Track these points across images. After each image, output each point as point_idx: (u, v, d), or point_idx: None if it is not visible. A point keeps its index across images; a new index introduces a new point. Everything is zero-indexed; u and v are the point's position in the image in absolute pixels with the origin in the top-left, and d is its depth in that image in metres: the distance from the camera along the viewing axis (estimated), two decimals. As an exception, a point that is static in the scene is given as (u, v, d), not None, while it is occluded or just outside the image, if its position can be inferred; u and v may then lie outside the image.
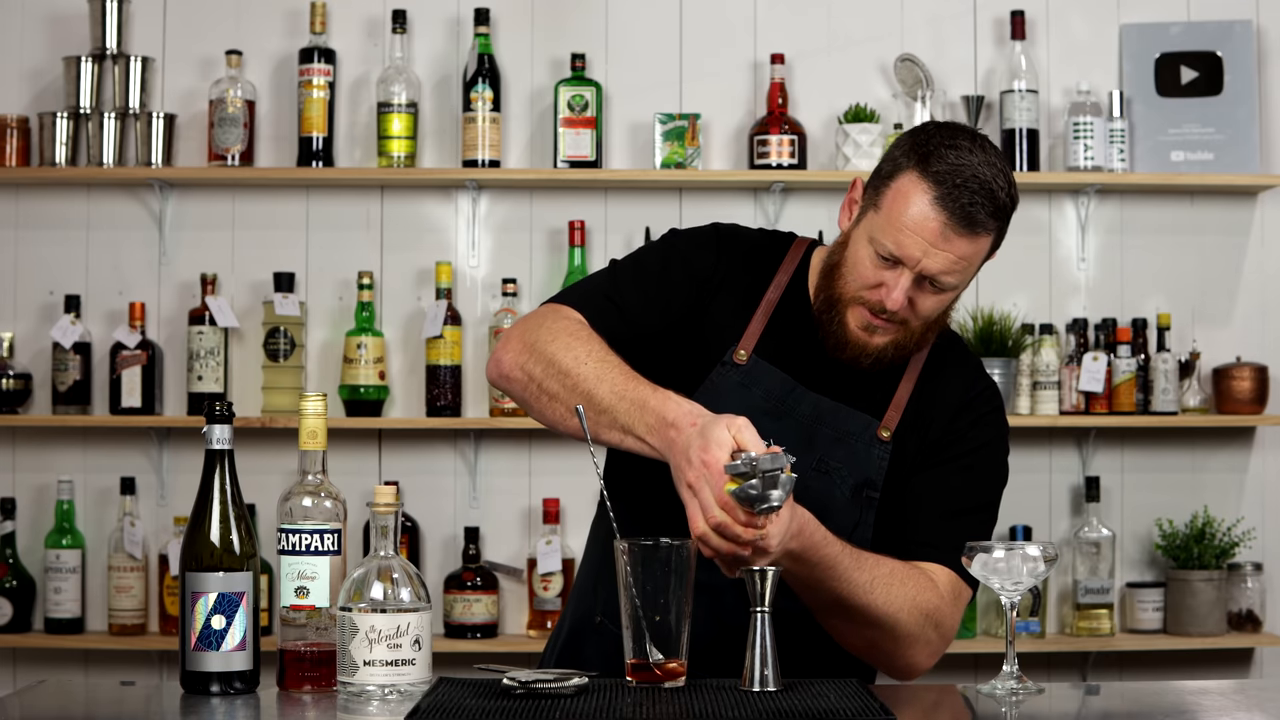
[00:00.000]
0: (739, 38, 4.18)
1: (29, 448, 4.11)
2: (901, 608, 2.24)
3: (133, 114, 4.05)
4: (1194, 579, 4.04)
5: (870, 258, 2.27)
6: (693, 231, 2.47)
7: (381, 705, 2.04)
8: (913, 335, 2.32)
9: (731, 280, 2.40)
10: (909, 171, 2.26)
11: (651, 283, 2.39)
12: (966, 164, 2.24)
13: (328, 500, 2.19)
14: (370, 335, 4.03)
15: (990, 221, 2.25)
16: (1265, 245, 4.21)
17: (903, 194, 2.25)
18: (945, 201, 2.23)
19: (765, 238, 2.48)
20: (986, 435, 2.41)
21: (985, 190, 2.23)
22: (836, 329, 2.32)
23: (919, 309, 2.29)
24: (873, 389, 2.36)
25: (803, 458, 2.23)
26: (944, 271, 2.25)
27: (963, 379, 2.42)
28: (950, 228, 2.23)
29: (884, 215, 2.26)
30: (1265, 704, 2.16)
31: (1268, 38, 4.20)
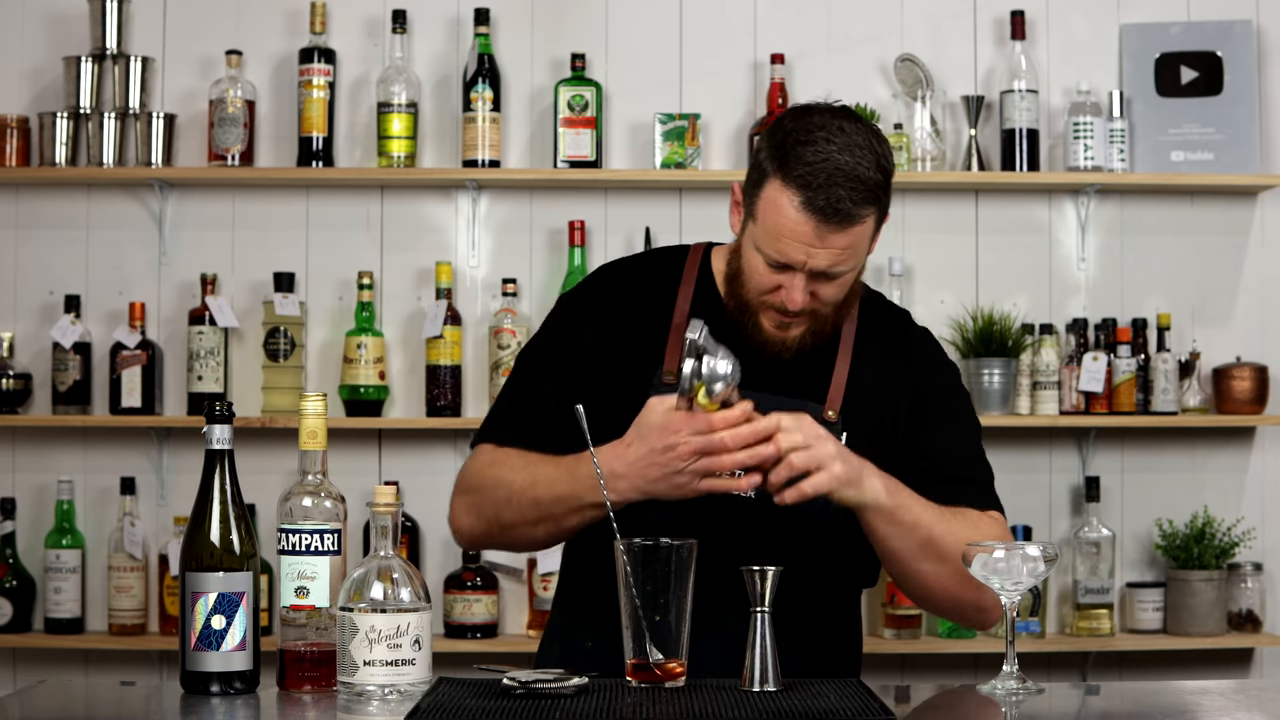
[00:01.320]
0: (739, 38, 4.18)
1: (29, 448, 4.11)
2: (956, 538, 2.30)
3: (133, 114, 4.05)
4: (1194, 579, 4.04)
5: (761, 265, 2.32)
6: (578, 288, 2.52)
7: (381, 705, 2.04)
8: (827, 319, 2.37)
9: (636, 311, 2.43)
10: (772, 179, 2.28)
11: (550, 366, 2.44)
12: (825, 158, 2.25)
13: (328, 500, 2.19)
14: (370, 335, 4.03)
15: (862, 208, 2.27)
16: (1265, 245, 4.21)
17: (771, 203, 2.28)
18: (811, 204, 2.25)
19: (657, 257, 2.53)
20: (943, 382, 2.47)
21: (849, 180, 2.25)
22: (753, 331, 2.37)
23: (823, 297, 2.33)
24: (810, 375, 2.39)
25: None
26: (832, 265, 2.29)
27: (899, 337, 2.47)
28: (823, 227, 2.26)
29: (761, 226, 2.30)
30: (1265, 704, 2.16)
31: (1268, 38, 4.20)
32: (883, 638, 4.02)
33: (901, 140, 4.04)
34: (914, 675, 4.11)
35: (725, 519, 2.33)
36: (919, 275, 4.16)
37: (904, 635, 4.00)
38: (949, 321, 4.13)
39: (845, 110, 2.35)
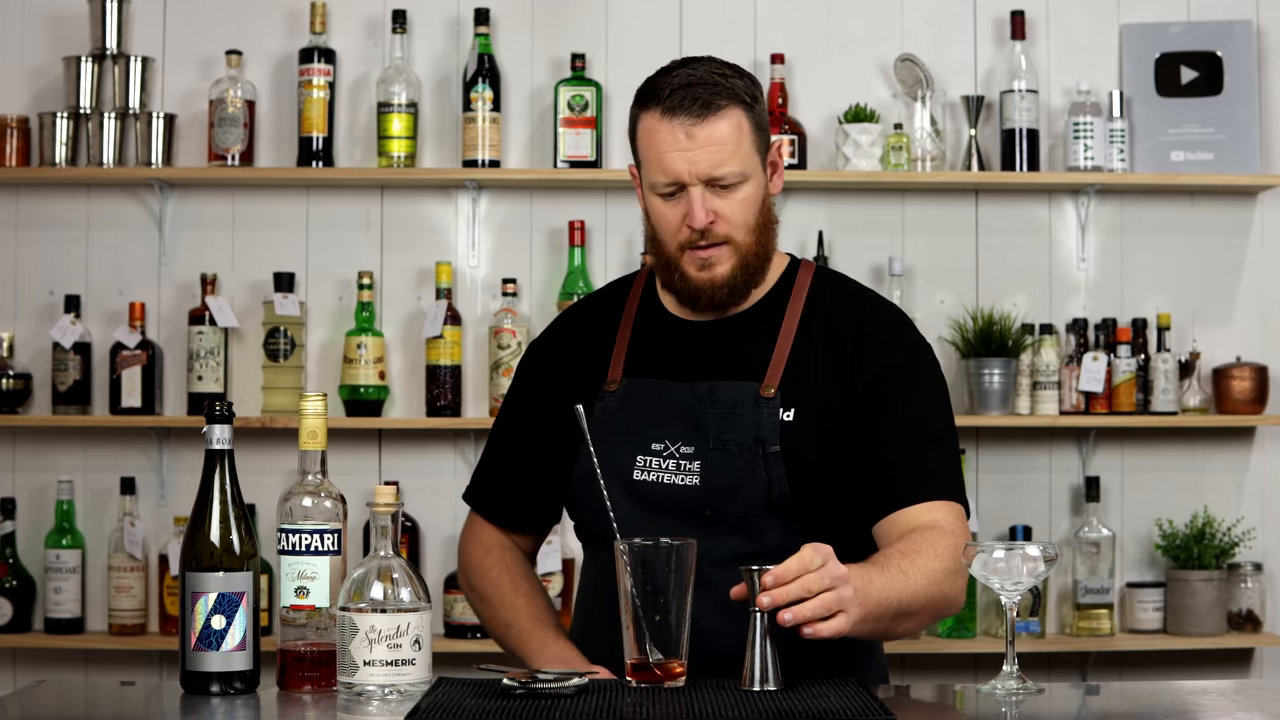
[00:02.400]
0: (739, 38, 4.18)
1: (29, 448, 4.11)
2: (939, 580, 2.26)
3: (133, 114, 4.05)
4: (1194, 579, 4.04)
5: (661, 204, 2.37)
6: (538, 338, 2.60)
7: (381, 705, 2.04)
8: (747, 248, 2.38)
9: (589, 337, 2.50)
10: (641, 115, 2.38)
11: (515, 420, 2.55)
12: (676, 75, 2.36)
13: (328, 500, 2.19)
14: (370, 335, 4.03)
15: (721, 99, 2.34)
16: (1265, 245, 4.21)
17: (645, 132, 2.36)
18: (670, 108, 2.33)
19: (611, 286, 2.60)
20: (903, 357, 2.43)
21: (700, 81, 2.34)
22: (682, 284, 2.39)
23: (729, 217, 2.35)
24: (752, 358, 2.40)
25: (699, 446, 2.34)
26: (716, 164, 2.33)
27: (854, 311, 2.44)
28: (686, 124, 2.32)
29: (645, 161, 2.38)
30: (1265, 704, 2.16)
31: (1268, 38, 4.20)
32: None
33: (901, 140, 4.04)
34: (914, 675, 4.11)
35: (699, 533, 2.29)
36: (919, 275, 4.16)
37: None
38: (949, 321, 4.13)
39: (708, 55, 2.44)
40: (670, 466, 2.36)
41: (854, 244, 4.15)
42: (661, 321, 2.46)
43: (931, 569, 2.25)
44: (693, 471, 2.35)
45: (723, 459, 2.34)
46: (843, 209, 4.16)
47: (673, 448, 2.37)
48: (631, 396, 2.41)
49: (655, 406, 2.39)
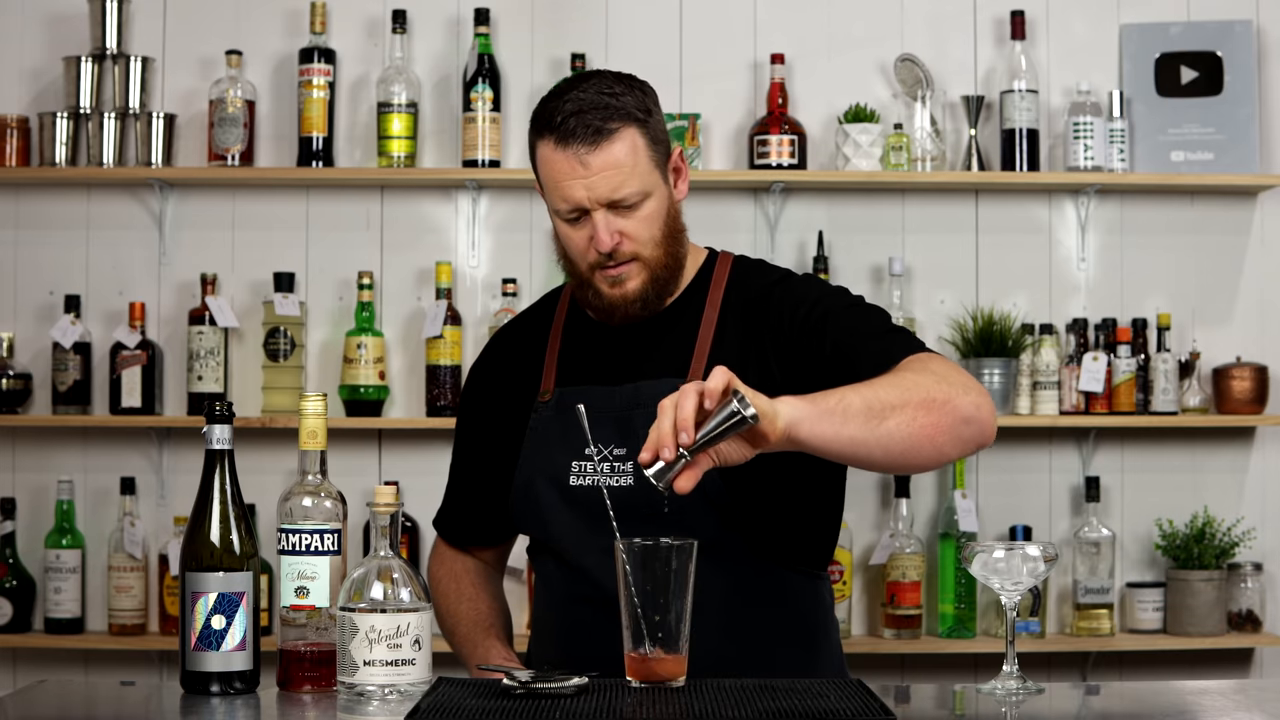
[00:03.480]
0: (739, 38, 4.18)
1: (29, 448, 4.11)
2: (917, 384, 2.18)
3: (133, 114, 4.05)
4: (1194, 579, 4.04)
5: (567, 228, 2.40)
6: (476, 362, 2.65)
7: (381, 705, 2.04)
8: (656, 261, 2.40)
9: (520, 354, 2.54)
10: (537, 143, 2.39)
11: (465, 444, 2.60)
12: (567, 99, 2.36)
13: (328, 500, 2.19)
14: (370, 335, 4.03)
15: (612, 122, 2.34)
16: (1265, 245, 4.21)
17: (543, 161, 2.38)
18: (562, 138, 2.34)
19: (540, 301, 2.64)
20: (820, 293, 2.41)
21: (589, 105, 2.34)
22: (596, 300, 2.42)
23: (634, 235, 2.38)
24: (675, 353, 2.42)
25: (630, 447, 2.36)
26: (615, 189, 2.34)
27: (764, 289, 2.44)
28: (580, 153, 2.34)
29: (546, 187, 2.40)
30: (1265, 704, 2.16)
31: (1268, 38, 4.20)
32: (883, 638, 4.02)
33: (901, 140, 4.04)
34: (914, 675, 4.11)
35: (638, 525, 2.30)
36: (919, 275, 4.16)
37: (904, 635, 4.00)
38: (949, 321, 4.13)
39: (594, 70, 2.46)
40: (605, 469, 2.39)
41: (854, 244, 4.15)
42: (587, 329, 2.50)
43: (907, 375, 2.19)
44: (626, 472, 2.38)
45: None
46: (843, 209, 4.16)
47: (605, 450, 2.40)
48: (563, 404, 2.44)
49: (587, 413, 2.39)
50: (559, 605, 2.47)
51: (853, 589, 4.07)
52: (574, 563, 2.41)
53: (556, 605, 2.48)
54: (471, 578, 2.61)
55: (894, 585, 4.00)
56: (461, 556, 2.64)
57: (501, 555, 2.68)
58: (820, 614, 2.49)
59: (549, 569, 2.49)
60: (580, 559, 2.40)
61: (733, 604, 2.38)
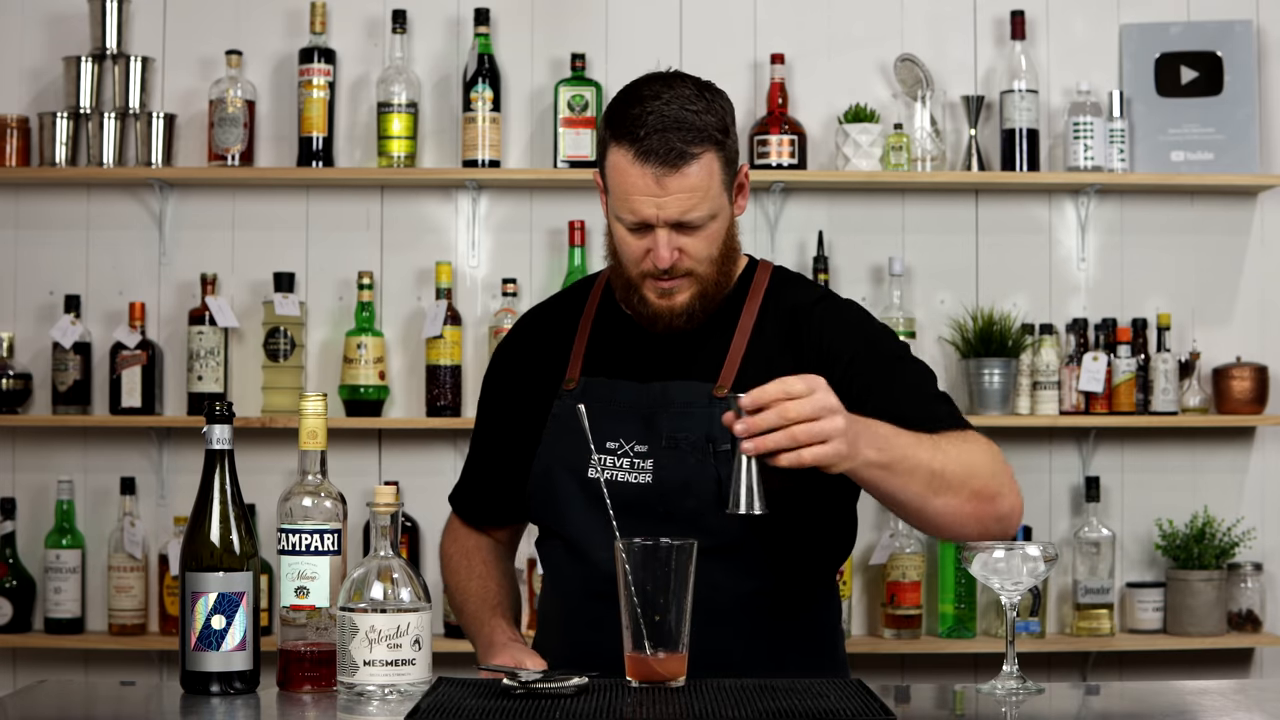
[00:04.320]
0: (739, 38, 4.18)
1: (29, 448, 4.11)
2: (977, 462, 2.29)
3: (133, 114, 4.05)
4: (1194, 579, 4.04)
5: (625, 234, 2.37)
6: (502, 342, 2.63)
7: (381, 705, 2.04)
8: (709, 279, 2.40)
9: (551, 339, 2.53)
10: (610, 146, 2.35)
11: (490, 423, 2.59)
12: (650, 111, 2.32)
13: (328, 500, 2.19)
14: (370, 335, 4.03)
15: (694, 146, 2.31)
16: (1265, 245, 4.21)
17: (615, 168, 2.34)
18: (643, 154, 2.31)
19: (571, 286, 2.62)
20: (871, 338, 2.44)
21: (674, 123, 2.31)
22: (641, 307, 2.41)
23: (693, 253, 2.37)
24: (707, 358, 2.42)
25: (653, 445, 2.37)
26: (685, 211, 2.33)
27: (805, 306, 2.45)
28: (659, 173, 2.31)
29: (613, 193, 2.36)
30: (1265, 704, 2.16)
31: (1268, 38, 4.20)
32: (883, 638, 4.02)
33: (901, 140, 4.04)
34: (914, 675, 4.11)
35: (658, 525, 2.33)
36: (919, 275, 4.16)
37: (904, 635, 4.00)
38: (949, 321, 4.13)
39: (676, 73, 2.41)
40: (624, 465, 2.39)
41: (854, 244, 4.15)
42: (620, 323, 2.49)
43: (966, 450, 2.28)
44: (646, 470, 2.38)
45: (674, 457, 2.37)
46: (843, 209, 4.16)
47: (626, 446, 2.40)
48: (588, 395, 2.44)
49: (610, 406, 2.42)
50: (569, 597, 2.47)
51: (853, 589, 4.07)
52: (588, 556, 2.40)
53: (567, 597, 2.47)
54: (483, 555, 2.61)
55: (894, 585, 4.00)
56: (474, 534, 2.64)
57: (515, 535, 2.68)
58: (832, 620, 2.51)
59: (560, 560, 2.48)
60: (594, 552, 2.38)
61: (750, 609, 2.39)
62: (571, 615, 2.45)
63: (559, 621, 2.49)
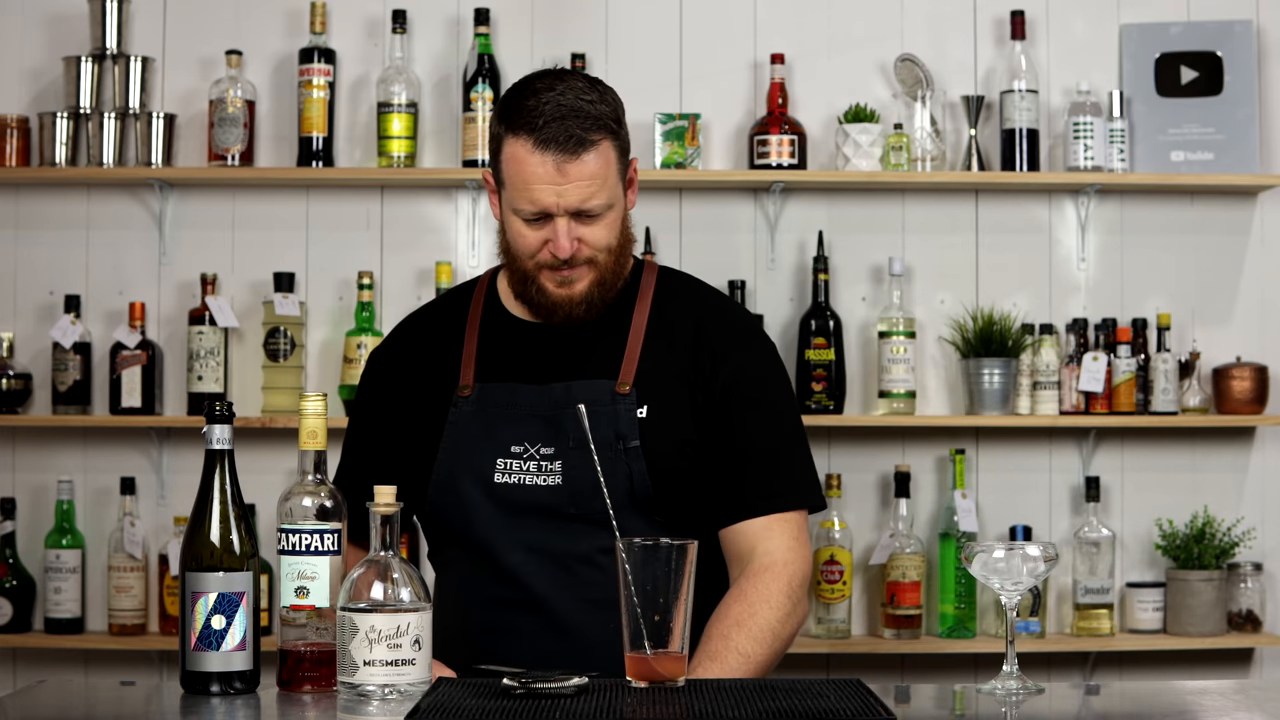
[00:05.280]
0: (739, 38, 4.18)
1: (29, 448, 4.11)
2: (778, 634, 2.41)
3: (133, 114, 4.05)
4: (1194, 579, 4.04)
5: (523, 226, 2.39)
6: (380, 345, 2.64)
7: (381, 705, 2.04)
8: (608, 267, 2.43)
9: (432, 346, 2.54)
10: (507, 138, 2.39)
11: (370, 439, 2.57)
12: (546, 101, 2.36)
13: (328, 500, 2.19)
14: (370, 335, 4.03)
15: (592, 134, 2.36)
16: (1265, 245, 4.21)
17: (513, 159, 2.37)
18: (542, 143, 2.34)
19: (448, 295, 2.64)
20: (755, 358, 2.51)
21: (571, 112, 2.35)
22: (539, 297, 2.44)
23: (592, 241, 2.40)
24: (606, 356, 2.46)
25: (559, 446, 2.40)
26: (585, 199, 2.37)
27: (701, 308, 2.52)
28: (559, 161, 2.35)
29: (509, 185, 2.39)
30: (1265, 704, 2.16)
31: (1268, 38, 4.20)
32: (883, 638, 4.02)
33: (901, 140, 4.04)
34: (914, 675, 4.11)
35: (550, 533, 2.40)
36: (919, 275, 4.17)
37: (904, 635, 4.00)
38: (949, 321, 4.13)
39: (564, 69, 2.48)
40: (531, 468, 2.41)
41: (854, 244, 4.15)
42: (508, 325, 2.51)
43: (769, 627, 2.39)
44: (554, 471, 2.41)
45: (583, 457, 2.38)
46: (843, 209, 4.16)
47: (532, 449, 2.42)
48: (485, 400, 2.45)
49: (511, 409, 2.44)
50: (477, 606, 2.46)
51: (853, 589, 4.07)
52: (499, 562, 2.42)
53: (474, 606, 2.47)
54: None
55: (894, 585, 4.00)
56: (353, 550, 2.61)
57: None
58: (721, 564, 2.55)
59: (465, 569, 2.48)
60: (503, 558, 2.42)
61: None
62: (482, 625, 2.45)
63: (463, 632, 2.47)
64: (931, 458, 4.15)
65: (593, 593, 2.37)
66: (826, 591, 3.99)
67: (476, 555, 2.46)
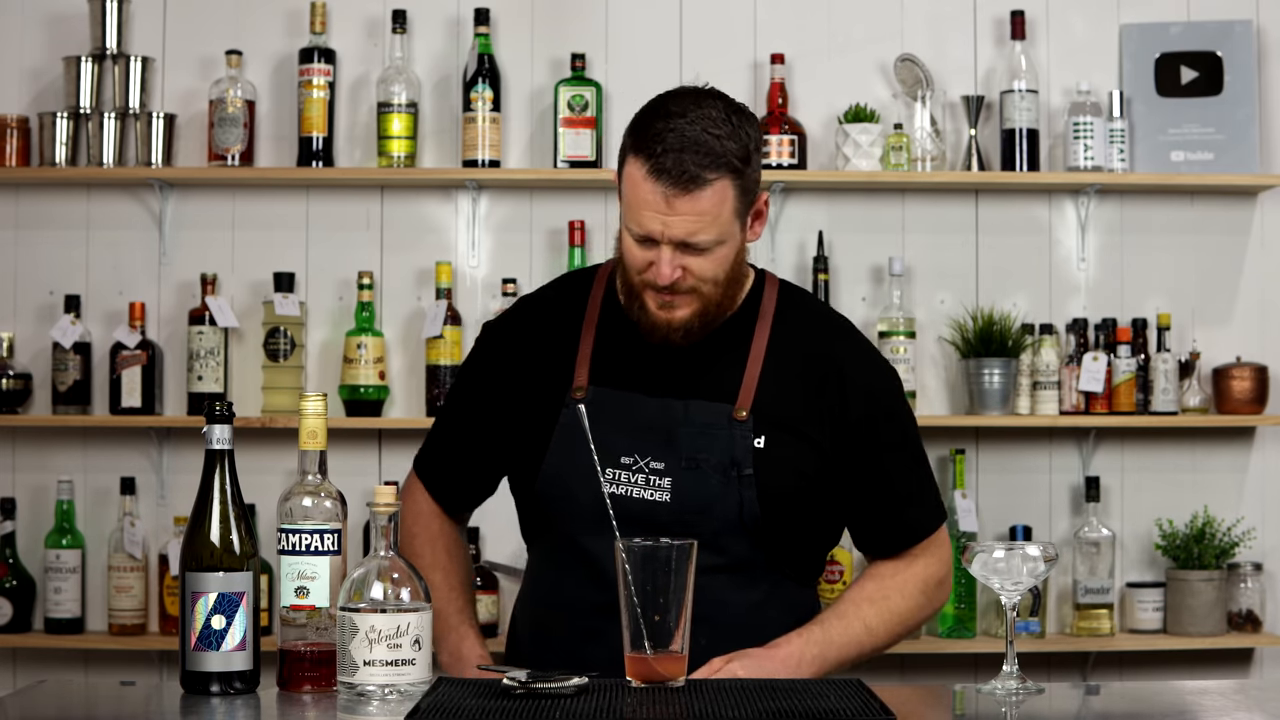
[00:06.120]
0: (739, 38, 4.18)
1: (29, 448, 4.11)
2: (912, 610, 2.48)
3: (133, 114, 4.05)
4: (1194, 579, 4.04)
5: (632, 243, 2.37)
6: (500, 317, 2.63)
7: (381, 705, 2.04)
8: (712, 299, 2.39)
9: (549, 330, 2.51)
10: (629, 155, 2.34)
11: (471, 398, 2.57)
12: (672, 128, 2.30)
13: (328, 500, 2.19)
14: (370, 335, 4.03)
15: (709, 172, 2.30)
16: (1265, 245, 4.21)
17: (629, 178, 2.34)
18: (656, 172, 2.30)
19: (568, 279, 2.61)
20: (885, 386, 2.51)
21: (693, 146, 2.29)
22: (640, 315, 2.41)
23: (696, 272, 2.36)
24: (722, 377, 2.43)
25: (670, 462, 2.37)
26: (691, 233, 2.32)
27: (820, 333, 2.50)
28: (669, 193, 2.29)
29: (625, 202, 2.36)
30: (1265, 704, 2.16)
31: (1268, 38, 4.20)
32: (883, 638, 4.01)
33: (901, 140, 4.04)
34: (914, 675, 4.11)
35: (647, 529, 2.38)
36: (919, 275, 4.16)
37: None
38: (949, 321, 4.13)
39: (710, 90, 2.40)
40: (640, 481, 2.39)
41: (854, 244, 4.15)
42: (625, 331, 2.46)
43: (898, 612, 2.46)
44: (663, 488, 2.38)
45: (694, 477, 2.37)
46: (843, 209, 4.16)
47: (642, 462, 2.39)
48: (600, 406, 2.42)
49: (625, 420, 2.41)
50: (573, 610, 2.44)
51: (853, 589, 4.07)
52: (594, 566, 2.38)
53: (570, 609, 2.45)
54: (446, 543, 2.61)
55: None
56: (438, 516, 2.62)
57: (469, 517, 2.72)
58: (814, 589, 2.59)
59: (564, 571, 2.45)
60: (601, 563, 2.35)
61: (754, 614, 2.42)
62: (574, 627, 2.43)
63: (556, 632, 2.46)
64: (931, 458, 4.11)
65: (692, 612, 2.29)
66: (826, 592, 3.99)
67: (574, 558, 2.43)
